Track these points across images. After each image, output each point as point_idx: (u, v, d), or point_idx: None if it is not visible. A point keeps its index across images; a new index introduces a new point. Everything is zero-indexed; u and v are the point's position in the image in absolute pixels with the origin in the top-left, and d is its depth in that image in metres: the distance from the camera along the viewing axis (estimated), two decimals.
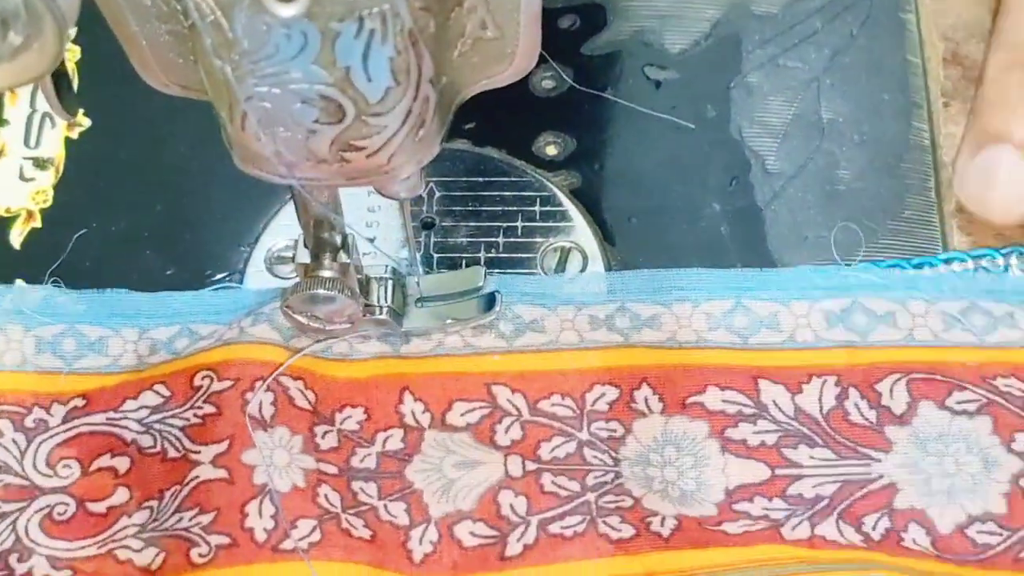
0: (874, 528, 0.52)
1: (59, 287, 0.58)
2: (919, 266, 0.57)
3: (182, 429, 0.54)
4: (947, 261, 0.57)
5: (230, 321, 0.56)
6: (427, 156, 0.42)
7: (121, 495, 0.53)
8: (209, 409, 0.53)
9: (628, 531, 0.53)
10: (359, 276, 0.53)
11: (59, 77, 0.43)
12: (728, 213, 0.60)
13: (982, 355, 0.55)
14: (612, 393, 0.55)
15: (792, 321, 0.56)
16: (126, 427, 0.54)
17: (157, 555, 0.51)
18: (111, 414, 0.55)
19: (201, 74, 0.40)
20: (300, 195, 0.48)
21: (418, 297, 0.55)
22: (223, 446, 0.52)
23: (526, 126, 0.63)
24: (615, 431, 0.54)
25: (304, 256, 0.51)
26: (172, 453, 0.53)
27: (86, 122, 0.64)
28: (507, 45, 0.41)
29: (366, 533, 0.52)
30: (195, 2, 0.35)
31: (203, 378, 0.54)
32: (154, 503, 0.53)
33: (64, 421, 0.55)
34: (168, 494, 0.53)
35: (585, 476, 0.54)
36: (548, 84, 0.64)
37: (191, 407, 0.54)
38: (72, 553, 0.52)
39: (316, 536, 0.51)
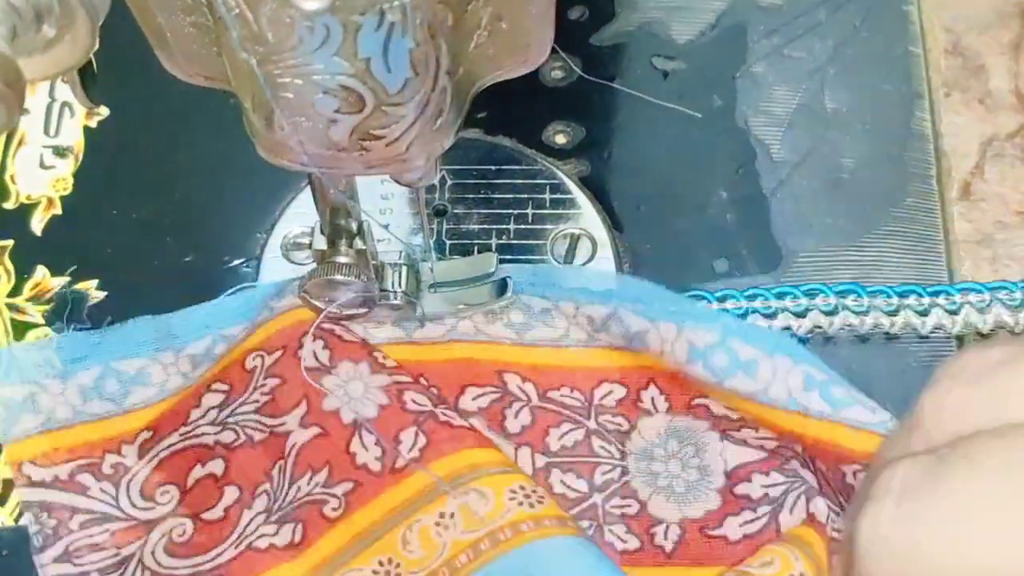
0: None
1: (79, 330, 0.58)
2: (935, 294, 0.56)
3: (256, 412, 0.55)
4: (963, 291, 0.56)
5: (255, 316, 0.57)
6: (444, 145, 0.43)
7: (231, 494, 0.54)
8: (273, 382, 0.54)
9: (633, 543, 0.54)
10: (374, 262, 0.54)
11: (84, 67, 0.45)
12: (734, 201, 0.61)
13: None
14: (619, 391, 0.56)
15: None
16: (203, 434, 0.55)
17: (295, 528, 0.52)
18: (182, 429, 0.55)
19: (225, 65, 0.41)
20: (318, 183, 0.49)
21: (431, 283, 0.57)
22: (303, 408, 0.54)
23: (536, 115, 0.64)
24: (621, 425, 0.55)
25: (321, 242, 0.52)
26: (258, 437, 0.54)
27: (104, 111, 0.65)
28: (522, 37, 0.42)
29: (464, 426, 0.54)
30: None
31: (254, 359, 0.55)
32: (267, 486, 0.54)
33: (141, 456, 0.55)
34: (275, 472, 0.54)
35: (593, 472, 0.54)
36: (558, 74, 0.65)
37: (255, 389, 0.55)
38: (214, 562, 0.53)
39: (422, 440, 0.52)
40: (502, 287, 0.56)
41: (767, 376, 0.52)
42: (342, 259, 0.52)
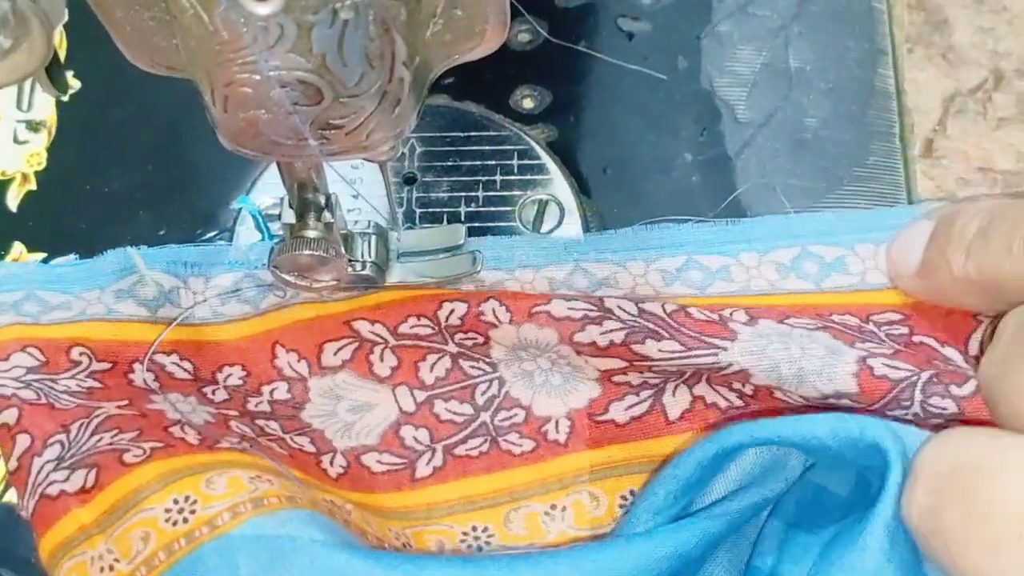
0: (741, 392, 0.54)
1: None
2: None
3: (66, 392, 0.53)
4: None
5: (80, 291, 0.56)
6: (404, 130, 0.44)
7: (23, 441, 0.52)
8: (93, 383, 0.54)
9: (528, 444, 0.55)
10: (343, 231, 0.55)
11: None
12: (699, 163, 0.62)
13: (818, 299, 0.56)
14: (461, 308, 0.55)
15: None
16: (3, 385, 0.54)
17: (88, 473, 0.50)
18: None
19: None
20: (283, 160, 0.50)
21: (399, 252, 0.57)
22: (124, 402, 0.53)
23: (503, 80, 0.64)
24: (476, 339, 0.55)
25: (289, 216, 0.53)
26: (60, 406, 0.53)
27: (76, 84, 0.65)
28: (477, 22, 0.43)
29: (284, 454, 0.54)
30: None
31: (80, 354, 0.55)
32: (62, 437, 0.52)
33: None
34: (75, 427, 0.52)
35: (473, 394, 0.56)
36: (524, 37, 0.66)
37: (73, 378, 0.54)
38: (27, 513, 0.52)
39: (246, 446, 0.52)
40: (470, 261, 0.57)
41: (743, 277, 0.56)
42: (311, 233, 0.53)
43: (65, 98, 0.65)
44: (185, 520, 0.48)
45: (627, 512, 0.53)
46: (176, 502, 0.48)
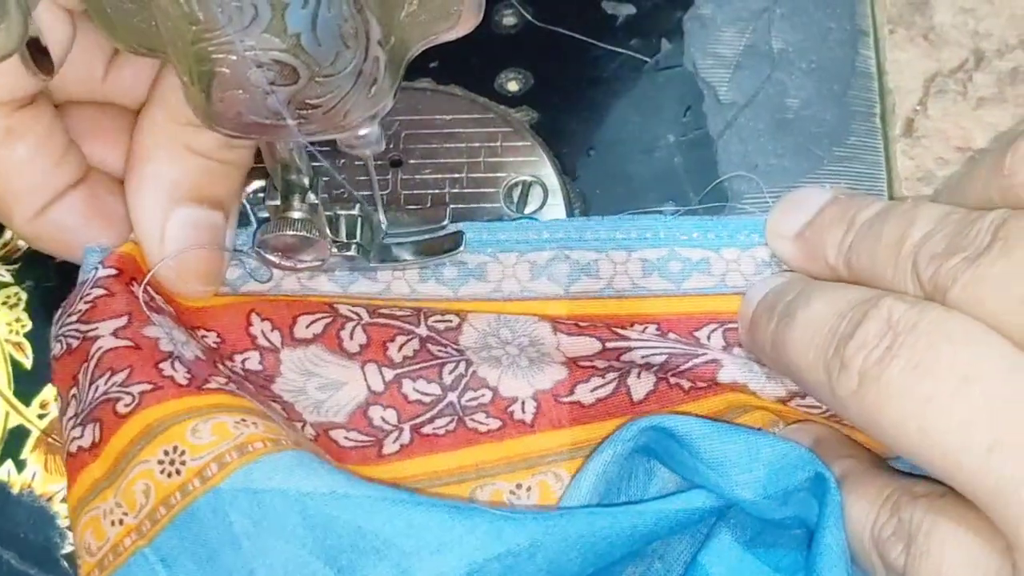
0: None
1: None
2: None
3: (77, 320, 0.54)
4: None
5: None
6: (381, 110, 0.45)
7: (60, 402, 0.54)
8: (99, 292, 0.54)
9: (495, 424, 0.56)
10: (328, 213, 0.55)
11: (31, 40, 0.46)
12: (682, 144, 0.62)
13: None
14: None
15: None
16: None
17: (94, 428, 0.51)
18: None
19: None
20: (266, 143, 0.51)
21: (384, 234, 0.58)
22: (122, 320, 0.53)
23: (488, 63, 0.65)
24: (451, 322, 0.56)
25: (274, 198, 0.54)
26: (74, 344, 0.53)
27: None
28: (452, 3, 0.43)
29: (266, 403, 0.54)
30: None
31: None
32: (75, 390, 0.53)
33: None
34: (80, 375, 0.53)
35: (440, 373, 0.56)
36: (509, 21, 0.66)
37: (81, 297, 0.54)
38: None
39: (233, 387, 0.53)
40: (455, 240, 0.57)
41: (721, 270, 0.55)
42: (295, 214, 0.53)
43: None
44: (178, 472, 0.49)
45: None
46: (167, 453, 0.49)
